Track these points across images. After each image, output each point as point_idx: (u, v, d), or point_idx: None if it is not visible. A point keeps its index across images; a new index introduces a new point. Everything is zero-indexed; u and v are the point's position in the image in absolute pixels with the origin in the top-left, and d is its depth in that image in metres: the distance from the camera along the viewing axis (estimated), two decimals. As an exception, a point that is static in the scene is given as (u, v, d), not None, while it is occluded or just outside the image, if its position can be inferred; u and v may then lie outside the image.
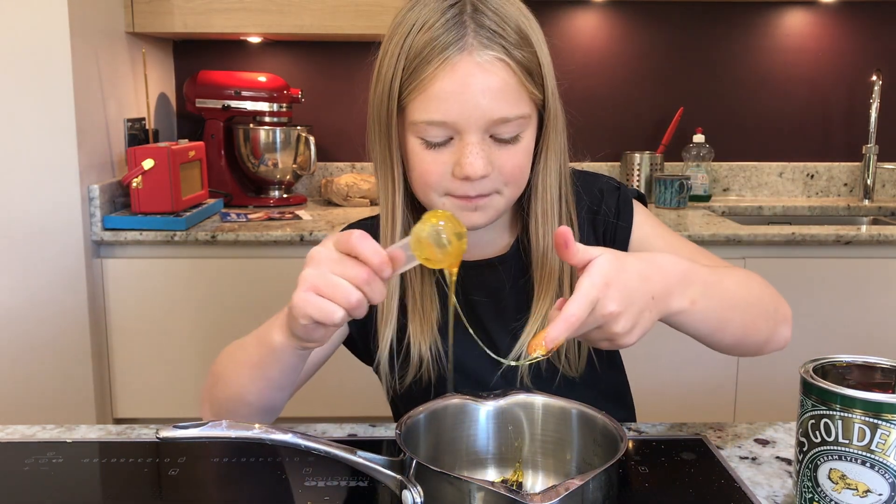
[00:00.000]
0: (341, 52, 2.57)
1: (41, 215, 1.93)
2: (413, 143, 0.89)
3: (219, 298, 2.03)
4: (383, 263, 0.73)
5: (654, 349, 2.11)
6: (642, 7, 2.59)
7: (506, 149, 0.89)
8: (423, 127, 0.87)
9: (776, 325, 0.95)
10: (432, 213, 0.75)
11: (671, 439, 0.92)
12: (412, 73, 0.86)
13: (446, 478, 0.66)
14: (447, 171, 0.88)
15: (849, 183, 2.66)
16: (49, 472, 0.84)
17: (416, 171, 0.90)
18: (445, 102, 0.85)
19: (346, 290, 0.73)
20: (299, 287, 0.75)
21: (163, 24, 2.20)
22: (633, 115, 2.64)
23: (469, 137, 0.86)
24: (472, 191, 0.88)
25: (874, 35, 2.60)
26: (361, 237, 0.73)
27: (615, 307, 0.74)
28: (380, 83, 0.91)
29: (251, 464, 0.86)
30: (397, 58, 0.88)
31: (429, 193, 0.91)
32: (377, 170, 0.95)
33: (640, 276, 0.78)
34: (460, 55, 0.85)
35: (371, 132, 0.94)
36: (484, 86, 0.85)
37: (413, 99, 0.87)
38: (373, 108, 0.93)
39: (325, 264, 0.74)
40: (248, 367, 0.90)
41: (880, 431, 0.66)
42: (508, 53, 0.87)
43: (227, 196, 2.38)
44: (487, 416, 0.80)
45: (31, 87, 1.89)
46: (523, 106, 0.88)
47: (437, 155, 0.88)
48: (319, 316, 0.74)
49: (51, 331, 1.96)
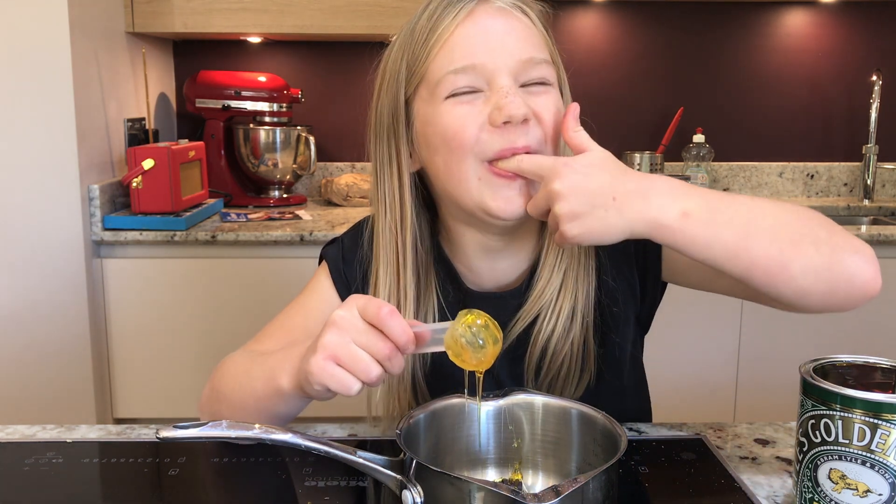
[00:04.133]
0: (341, 52, 2.57)
1: (41, 215, 1.93)
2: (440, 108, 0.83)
3: (219, 298, 2.03)
4: (409, 343, 0.70)
5: (654, 349, 2.11)
6: (642, 7, 2.59)
7: (539, 95, 0.84)
8: (451, 79, 0.82)
9: (834, 254, 0.76)
10: (469, 312, 0.72)
11: (671, 439, 0.92)
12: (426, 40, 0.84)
13: (446, 478, 0.66)
14: (484, 123, 0.82)
15: (849, 183, 2.66)
16: (49, 472, 0.84)
17: (451, 130, 0.82)
18: (470, 47, 0.82)
19: (368, 365, 0.70)
20: (318, 353, 0.72)
21: (163, 24, 2.20)
22: (633, 115, 2.64)
23: (500, 80, 0.82)
24: (518, 139, 0.82)
25: (874, 35, 2.59)
26: (391, 313, 0.70)
27: (559, 186, 0.75)
28: (385, 83, 0.89)
29: (251, 464, 0.86)
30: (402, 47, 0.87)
31: (463, 161, 0.83)
32: (379, 173, 0.91)
33: (610, 176, 0.76)
34: (476, 3, 0.83)
35: (374, 134, 0.91)
36: (507, 26, 0.83)
37: (432, 60, 0.83)
38: (377, 113, 0.90)
39: (348, 332, 0.71)
40: (253, 399, 0.87)
41: (880, 431, 0.66)
42: (527, 4, 0.86)
43: (227, 196, 2.38)
44: (487, 416, 0.80)
45: (31, 87, 1.89)
46: (547, 54, 0.86)
47: (470, 108, 0.82)
48: (336, 387, 0.72)
49: (51, 331, 1.96)
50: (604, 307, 0.93)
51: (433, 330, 0.73)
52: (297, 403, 0.85)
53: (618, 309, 0.94)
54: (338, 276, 0.98)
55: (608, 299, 0.93)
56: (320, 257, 1.02)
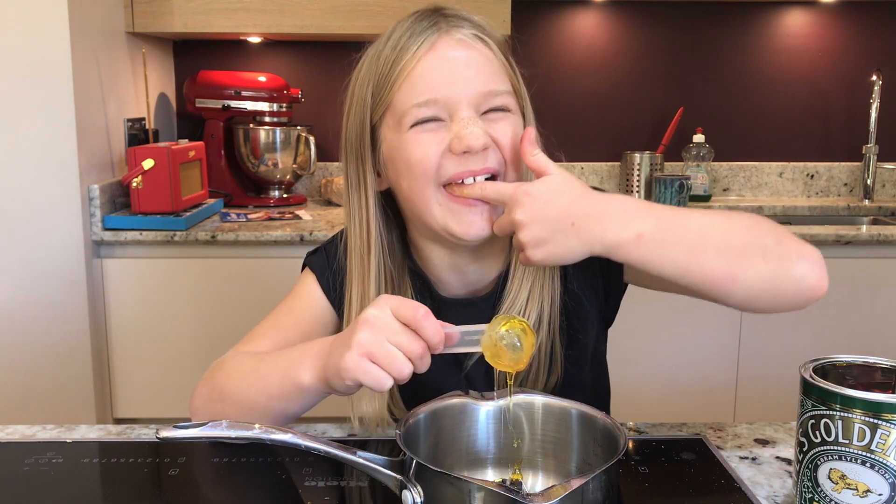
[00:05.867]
0: (341, 52, 2.55)
1: (41, 215, 1.93)
2: (405, 137, 0.87)
3: (219, 298, 2.03)
4: (440, 344, 0.74)
5: (654, 349, 2.11)
6: (642, 7, 2.59)
7: (499, 121, 0.88)
8: (414, 111, 0.86)
9: (781, 262, 0.81)
10: (508, 317, 0.76)
11: (671, 439, 0.92)
12: (390, 70, 0.87)
13: (446, 478, 0.66)
14: (445, 150, 0.86)
15: (849, 183, 2.66)
16: (49, 472, 0.84)
17: (415, 159, 0.86)
18: (432, 80, 0.86)
19: (402, 363, 0.73)
20: (353, 350, 0.74)
21: (163, 24, 2.20)
22: (633, 115, 2.64)
23: (461, 112, 0.86)
24: (476, 164, 0.86)
25: (874, 35, 2.60)
26: (426, 315, 0.74)
27: (521, 216, 0.81)
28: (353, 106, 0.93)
29: (251, 464, 0.86)
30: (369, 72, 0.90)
31: (426, 188, 0.87)
32: (349, 192, 0.95)
33: (568, 201, 0.81)
34: (438, 35, 0.87)
35: (345, 154, 0.95)
36: (468, 58, 0.87)
37: (396, 91, 0.87)
38: (346, 133, 0.94)
39: (382, 331, 0.74)
40: (266, 395, 0.87)
41: (880, 431, 0.66)
42: (485, 32, 0.90)
43: (227, 196, 2.38)
44: (487, 416, 0.80)
45: (31, 87, 1.89)
46: (506, 83, 0.89)
47: (433, 136, 0.86)
48: (370, 383, 0.74)
49: (51, 330, 1.96)
50: (570, 310, 0.97)
51: (462, 332, 0.77)
52: (314, 399, 0.86)
53: (583, 311, 0.98)
54: (325, 284, 1.02)
55: (573, 302, 0.97)
56: (304, 264, 1.06)
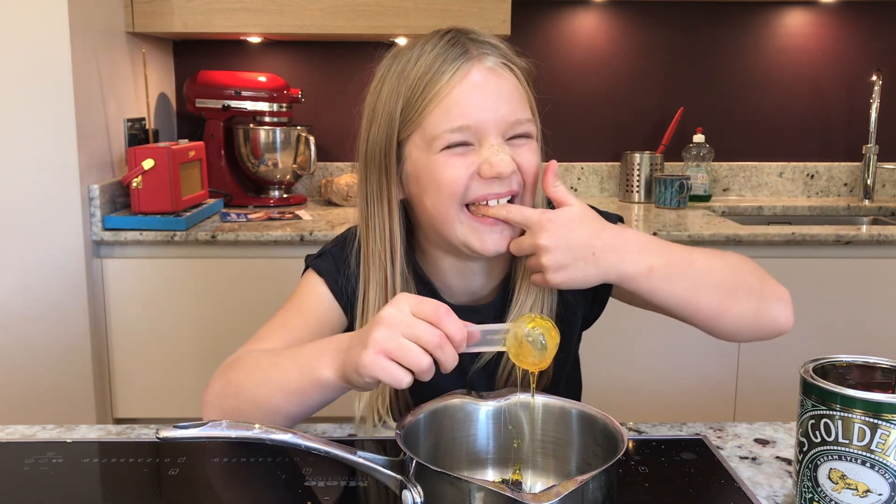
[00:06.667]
0: (341, 52, 2.57)
1: (41, 215, 1.93)
2: (435, 158, 0.91)
3: (219, 298, 2.03)
4: (463, 341, 0.75)
5: (654, 349, 2.11)
6: (642, 7, 2.59)
7: (522, 147, 0.93)
8: (447, 136, 0.90)
9: (762, 303, 0.94)
10: (529, 318, 0.77)
11: (671, 439, 0.92)
12: (422, 92, 0.91)
13: (446, 478, 0.66)
14: (474, 174, 0.91)
15: (849, 183, 2.66)
16: (49, 472, 0.84)
17: (444, 181, 0.91)
18: (465, 107, 0.90)
19: (417, 355, 0.74)
20: (369, 348, 0.75)
21: (163, 24, 2.20)
22: (633, 115, 2.64)
23: (491, 139, 0.91)
24: (500, 188, 0.92)
25: (874, 35, 2.60)
26: (448, 312, 0.75)
27: (546, 242, 0.87)
28: (376, 121, 0.95)
29: (251, 464, 0.86)
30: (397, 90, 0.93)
31: (451, 207, 0.92)
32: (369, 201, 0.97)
33: (590, 232, 0.89)
34: (470, 63, 0.91)
35: (365, 172, 0.98)
36: (498, 88, 0.91)
37: (428, 114, 0.91)
38: (368, 145, 0.97)
39: (397, 327, 0.75)
40: (284, 391, 0.87)
41: (880, 431, 0.66)
42: (510, 59, 0.95)
43: (227, 196, 2.38)
44: (487, 416, 0.80)
45: (31, 87, 1.89)
46: (528, 111, 0.95)
47: (462, 160, 0.91)
48: (387, 379, 0.75)
49: (51, 330, 1.96)
50: (561, 318, 1.01)
51: (483, 331, 0.77)
52: (333, 395, 0.86)
53: (574, 319, 1.05)
54: (335, 288, 1.02)
55: (567, 312, 1.03)
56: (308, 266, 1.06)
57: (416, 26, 2.20)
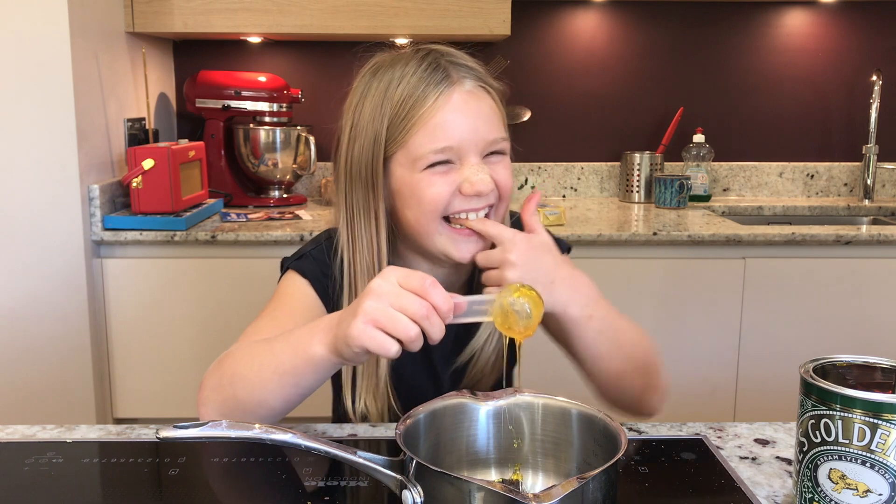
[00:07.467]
0: (341, 52, 2.57)
1: (41, 215, 1.93)
2: (419, 177, 0.97)
3: (219, 298, 2.03)
4: (450, 311, 0.78)
5: (654, 349, 2.11)
6: (642, 7, 2.59)
7: (498, 165, 1.00)
8: (430, 156, 0.96)
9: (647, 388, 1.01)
10: (514, 287, 0.79)
11: (671, 439, 0.92)
12: (407, 114, 0.96)
13: (446, 478, 0.66)
14: (455, 191, 0.97)
15: (849, 183, 2.66)
16: (49, 472, 0.84)
17: (427, 198, 0.97)
18: (449, 129, 0.96)
19: (406, 325, 0.75)
20: (358, 318, 0.77)
21: (163, 24, 2.20)
22: (633, 115, 2.64)
23: (471, 158, 0.97)
24: (479, 203, 0.99)
25: (874, 35, 2.60)
26: (434, 284, 0.77)
27: (514, 258, 0.94)
28: (360, 138, 1.00)
29: (251, 464, 0.86)
30: (381, 109, 0.98)
31: (433, 221, 0.98)
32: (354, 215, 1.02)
33: (553, 263, 0.96)
34: (451, 88, 0.97)
35: (348, 185, 1.02)
36: (478, 110, 0.98)
37: (413, 136, 0.96)
38: (351, 162, 1.01)
39: (385, 297, 0.76)
40: (278, 374, 0.88)
41: (880, 431, 0.66)
42: (486, 81, 1.01)
43: (227, 196, 2.38)
44: (487, 416, 0.80)
45: (31, 87, 1.89)
46: (503, 130, 1.02)
47: (444, 178, 0.97)
48: (376, 349, 0.76)
49: (51, 331, 1.96)
50: None
51: (469, 301, 0.79)
52: (326, 373, 0.87)
53: None
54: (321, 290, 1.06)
55: None
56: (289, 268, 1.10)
57: (416, 26, 2.20)
